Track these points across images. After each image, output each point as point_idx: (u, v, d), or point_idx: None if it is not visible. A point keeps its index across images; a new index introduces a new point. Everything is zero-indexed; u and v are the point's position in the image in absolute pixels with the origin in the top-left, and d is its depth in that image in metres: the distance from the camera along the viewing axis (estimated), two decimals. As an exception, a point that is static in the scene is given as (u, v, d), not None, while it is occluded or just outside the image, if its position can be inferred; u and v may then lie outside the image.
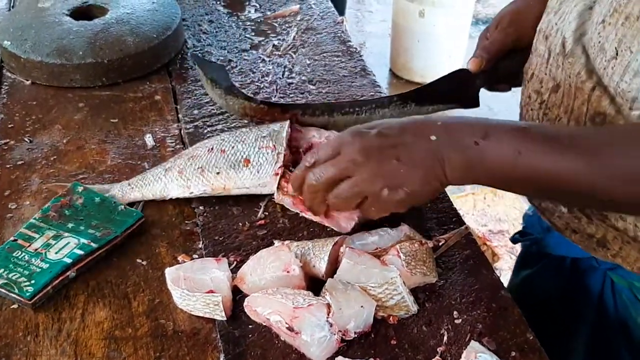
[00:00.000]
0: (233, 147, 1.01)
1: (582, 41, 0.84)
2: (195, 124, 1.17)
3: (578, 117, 0.85)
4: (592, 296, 1.02)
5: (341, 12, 3.30)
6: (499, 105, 2.48)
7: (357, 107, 1.04)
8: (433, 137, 0.78)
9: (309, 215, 0.96)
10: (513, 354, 0.79)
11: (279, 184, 0.97)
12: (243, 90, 1.15)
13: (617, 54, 0.77)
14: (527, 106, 0.97)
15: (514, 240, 1.20)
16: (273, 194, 0.99)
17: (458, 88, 1.11)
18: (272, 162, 0.99)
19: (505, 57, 1.09)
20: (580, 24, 0.84)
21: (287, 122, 1.04)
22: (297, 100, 1.23)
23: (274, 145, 1.00)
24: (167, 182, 1.00)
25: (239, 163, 0.99)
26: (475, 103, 1.12)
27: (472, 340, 0.79)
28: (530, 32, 1.00)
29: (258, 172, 0.98)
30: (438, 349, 0.79)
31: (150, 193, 1.01)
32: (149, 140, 1.13)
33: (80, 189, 1.00)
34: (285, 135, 1.02)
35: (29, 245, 0.91)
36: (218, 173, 0.99)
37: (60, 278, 0.87)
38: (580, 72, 0.83)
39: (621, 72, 0.77)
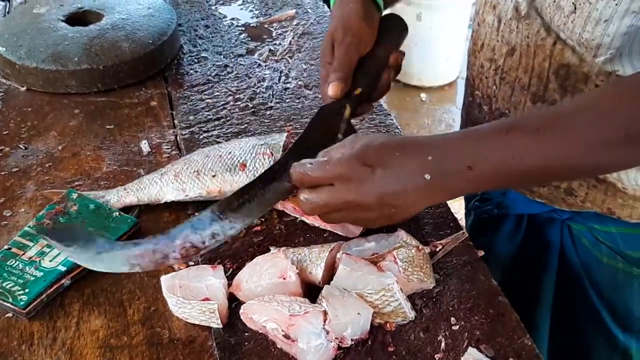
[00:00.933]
0: (230, 153, 1.01)
1: (534, 4, 0.90)
2: (191, 129, 1.16)
3: (540, 73, 0.92)
4: (553, 247, 1.09)
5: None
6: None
7: (244, 196, 0.87)
8: (427, 176, 0.78)
9: (311, 221, 0.95)
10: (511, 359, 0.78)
11: None
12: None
13: (575, 9, 0.83)
14: (480, 75, 1.03)
15: (474, 207, 1.22)
16: None
17: (330, 127, 0.95)
18: (266, 168, 0.98)
19: (357, 69, 0.99)
20: None
21: (285, 133, 1.04)
22: (293, 104, 1.22)
23: (271, 152, 1.00)
24: (163, 185, 1.00)
25: (235, 167, 0.99)
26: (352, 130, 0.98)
27: (470, 347, 0.79)
28: (367, 34, 1.00)
29: (254, 176, 0.98)
30: (436, 356, 0.78)
31: (146, 197, 1.00)
32: (144, 146, 1.13)
33: (74, 196, 1.00)
34: (283, 144, 1.01)
35: (23, 254, 0.91)
36: (214, 176, 0.99)
37: (55, 286, 0.87)
38: (539, 31, 0.90)
39: (582, 24, 0.83)
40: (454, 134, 0.86)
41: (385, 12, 1.07)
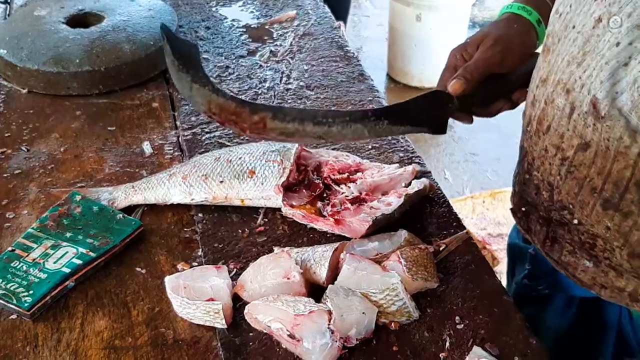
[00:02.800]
0: (240, 158, 1.01)
1: (617, 102, 0.75)
2: (194, 130, 1.16)
3: (618, 181, 0.79)
4: (610, 327, 0.99)
5: (343, 17, 3.30)
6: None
7: (329, 118, 0.90)
8: None
9: (318, 226, 0.95)
10: (516, 359, 0.78)
11: (286, 196, 0.97)
12: (217, 84, 0.99)
13: None
14: (542, 159, 0.88)
15: (522, 285, 1.11)
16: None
17: (431, 111, 0.97)
18: (277, 176, 0.98)
19: (485, 81, 0.97)
20: (615, 83, 0.75)
21: (296, 145, 1.03)
22: (295, 105, 1.22)
23: (282, 160, 1.00)
24: (170, 186, 1.00)
25: (243, 173, 0.99)
26: (443, 129, 0.98)
27: (475, 346, 0.79)
28: (515, 56, 0.98)
29: (262, 184, 0.98)
30: (440, 355, 0.78)
31: (153, 197, 1.00)
32: (146, 147, 1.13)
33: (78, 197, 1.00)
34: (295, 152, 1.01)
35: (27, 255, 0.90)
36: (222, 181, 0.99)
37: (59, 288, 0.87)
38: (622, 137, 0.76)
39: None
40: None
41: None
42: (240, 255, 0.92)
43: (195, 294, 0.83)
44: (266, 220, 0.98)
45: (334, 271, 0.86)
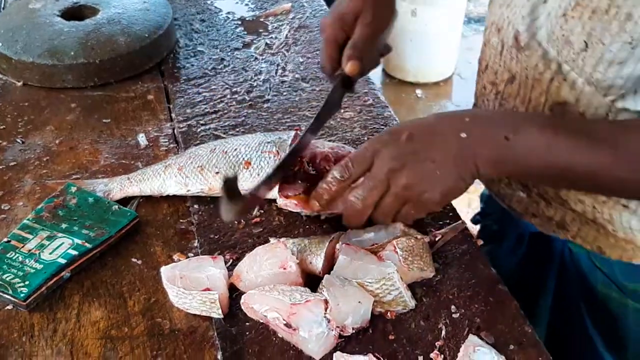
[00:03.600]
0: (235, 149, 1.01)
1: (537, 35, 0.85)
2: (189, 122, 1.16)
3: (536, 107, 0.89)
4: (553, 263, 1.07)
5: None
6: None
7: (289, 161, 0.93)
8: (463, 135, 0.79)
9: (310, 211, 0.94)
10: (511, 347, 0.78)
11: (281, 188, 0.96)
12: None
13: (587, 46, 0.79)
14: (482, 97, 1.00)
15: (474, 221, 1.22)
16: None
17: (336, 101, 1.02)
18: (272, 167, 0.98)
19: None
20: (535, 18, 0.85)
21: (294, 132, 1.04)
22: (290, 97, 1.22)
23: (277, 151, 0.99)
24: (166, 178, 1.00)
25: (239, 164, 0.99)
26: (339, 106, 1.04)
27: (470, 334, 0.79)
28: (389, 22, 1.03)
29: (258, 174, 0.98)
30: (436, 344, 0.79)
31: (148, 188, 1.00)
32: (142, 139, 1.13)
33: (73, 189, 1.00)
34: (290, 143, 1.01)
35: (23, 246, 0.90)
36: (217, 172, 0.99)
37: (55, 279, 0.87)
38: (537, 65, 0.86)
39: (593, 63, 0.79)
40: (490, 110, 0.91)
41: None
42: (236, 246, 0.92)
43: (191, 284, 0.83)
44: (262, 211, 0.98)
45: (330, 261, 0.87)
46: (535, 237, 1.09)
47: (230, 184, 0.82)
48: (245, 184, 0.98)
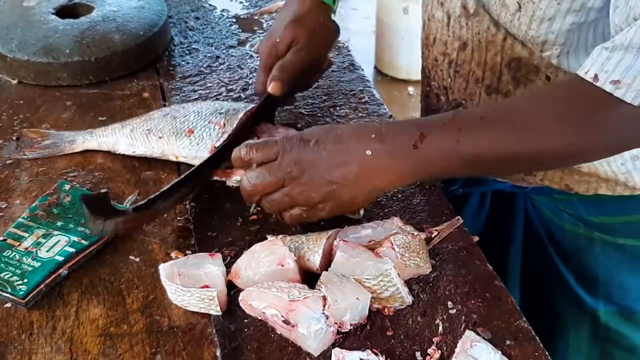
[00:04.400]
0: (185, 116, 1.04)
1: (481, 1, 0.93)
2: (185, 120, 1.16)
3: (493, 67, 0.96)
4: (517, 219, 1.14)
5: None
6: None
7: (193, 179, 0.96)
8: (368, 152, 0.82)
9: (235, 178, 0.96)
10: (508, 342, 0.79)
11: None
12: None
13: (520, 7, 0.86)
14: (435, 68, 1.06)
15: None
16: None
17: (267, 115, 1.09)
18: (213, 139, 1.01)
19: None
20: None
21: (250, 107, 1.06)
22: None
23: (224, 124, 1.01)
24: (119, 137, 1.06)
25: (182, 132, 1.02)
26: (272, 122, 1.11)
27: (467, 330, 0.80)
28: (324, 49, 1.13)
29: (197, 144, 1.01)
30: (434, 339, 0.79)
31: (105, 144, 1.07)
32: (138, 138, 1.13)
33: (67, 187, 1.00)
34: (241, 117, 1.02)
35: (19, 244, 0.91)
36: (160, 137, 1.03)
37: (53, 276, 0.87)
38: (489, 27, 0.93)
39: (527, 22, 0.87)
40: (399, 120, 0.95)
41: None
42: (233, 244, 0.93)
43: (189, 281, 0.83)
44: (259, 208, 0.98)
45: (328, 258, 0.87)
46: (497, 194, 1.15)
47: (93, 202, 0.87)
48: (184, 152, 1.02)
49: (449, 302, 0.84)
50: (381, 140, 0.83)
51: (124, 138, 1.05)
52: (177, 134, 1.02)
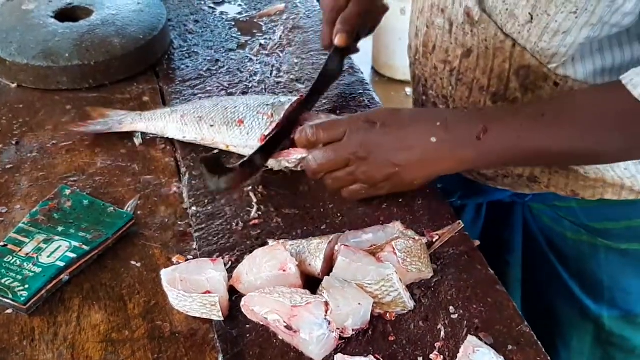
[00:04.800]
0: (235, 107, 1.08)
1: (486, 10, 0.91)
2: (185, 124, 1.16)
3: (500, 74, 0.94)
4: (515, 229, 1.15)
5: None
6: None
7: (282, 134, 1.03)
8: (433, 139, 0.84)
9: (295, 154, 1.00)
10: (510, 347, 0.79)
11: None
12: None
13: (532, 19, 0.85)
14: (434, 77, 1.04)
15: None
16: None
17: (333, 73, 1.18)
18: (262, 128, 1.04)
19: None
20: None
21: (296, 98, 1.09)
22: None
23: (272, 114, 1.05)
24: (169, 121, 1.10)
25: (233, 121, 1.06)
26: (341, 74, 1.21)
27: (469, 335, 0.80)
28: (379, 3, 1.18)
29: (248, 133, 1.05)
30: (436, 345, 0.79)
31: (153, 127, 1.11)
32: (138, 141, 1.13)
33: (67, 192, 1.00)
34: (288, 108, 1.06)
35: (20, 250, 0.90)
36: (212, 126, 1.07)
37: (54, 282, 0.87)
38: (497, 34, 0.91)
39: (539, 34, 0.86)
40: (461, 108, 0.96)
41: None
42: (235, 248, 0.93)
43: (191, 287, 0.83)
44: (260, 213, 0.98)
45: (329, 263, 0.87)
46: (493, 205, 1.17)
47: (209, 161, 0.93)
48: (235, 141, 1.06)
49: (451, 307, 0.84)
50: (446, 129, 0.85)
51: (174, 123, 1.09)
52: (228, 124, 1.06)
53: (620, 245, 1.05)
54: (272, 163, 1.02)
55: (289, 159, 1.00)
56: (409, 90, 3.67)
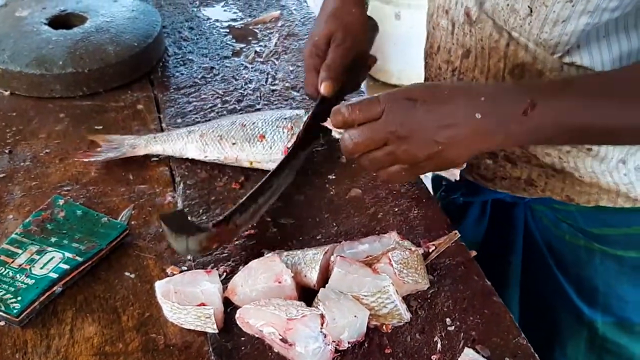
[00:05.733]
0: (253, 123, 1.08)
1: (484, 8, 0.92)
2: (179, 132, 1.15)
3: (496, 73, 0.95)
4: (517, 229, 1.13)
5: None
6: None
7: (268, 184, 0.97)
8: (478, 115, 0.79)
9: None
10: (507, 359, 0.79)
11: None
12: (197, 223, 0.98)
13: (531, 11, 0.87)
14: (438, 77, 1.06)
15: (440, 197, 1.24)
16: None
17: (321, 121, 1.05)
18: (284, 140, 1.05)
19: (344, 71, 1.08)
20: None
21: (307, 112, 1.09)
22: (280, 106, 1.22)
23: (292, 127, 1.06)
24: (188, 142, 1.09)
25: (254, 137, 1.07)
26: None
27: (466, 347, 0.79)
28: (362, 40, 1.13)
29: (271, 147, 1.06)
30: (432, 357, 0.79)
31: (171, 149, 1.10)
32: (132, 149, 1.12)
33: (61, 202, 0.99)
34: (306, 120, 1.06)
35: (13, 261, 0.89)
36: (234, 144, 1.07)
37: (47, 293, 0.86)
38: (492, 34, 0.93)
39: (539, 25, 0.87)
40: (506, 83, 0.94)
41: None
42: (230, 259, 0.92)
43: (186, 299, 0.82)
44: (256, 224, 0.97)
45: (325, 274, 0.86)
46: (497, 203, 1.14)
47: (172, 220, 0.87)
48: (258, 156, 1.06)
49: (447, 319, 0.83)
50: (491, 104, 0.81)
51: (194, 143, 1.08)
52: (250, 140, 1.06)
53: (617, 251, 1.05)
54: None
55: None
56: (403, 95, 3.66)
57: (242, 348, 0.80)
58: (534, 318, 1.16)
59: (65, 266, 0.89)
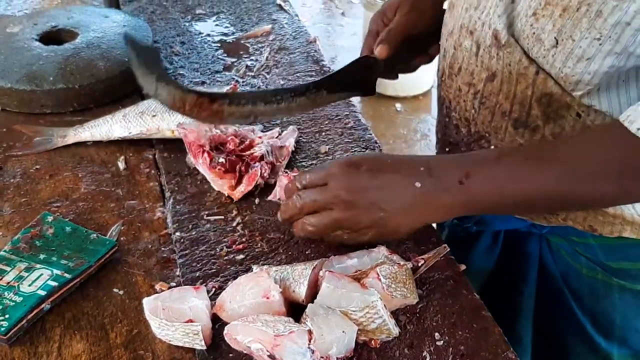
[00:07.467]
0: None
1: (513, 32, 0.90)
2: (170, 147, 1.15)
3: (522, 100, 0.92)
4: (531, 259, 1.11)
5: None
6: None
7: (277, 96, 0.98)
8: (417, 184, 0.84)
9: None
10: (496, 374, 0.79)
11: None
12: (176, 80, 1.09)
13: (557, 43, 0.84)
14: (458, 98, 1.03)
15: (452, 225, 1.23)
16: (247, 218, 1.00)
17: (362, 76, 1.10)
18: None
19: (404, 41, 1.10)
20: (508, 15, 0.90)
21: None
22: (272, 120, 1.22)
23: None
24: (112, 123, 1.16)
25: None
26: (373, 91, 1.12)
27: (455, 362, 0.79)
28: (429, 18, 1.11)
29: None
30: (421, 372, 0.79)
31: (98, 133, 1.16)
32: (122, 165, 1.12)
33: (50, 218, 0.99)
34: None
35: (1, 279, 0.89)
36: (154, 116, 1.14)
37: (35, 311, 0.85)
38: (521, 59, 0.89)
39: (563, 59, 0.84)
40: (445, 155, 0.95)
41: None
42: (218, 275, 0.92)
43: (174, 316, 0.82)
44: (245, 239, 0.97)
45: (314, 289, 0.86)
46: (510, 234, 1.13)
47: (142, 49, 0.90)
48: (182, 119, 1.11)
49: (436, 334, 0.83)
50: (429, 174, 0.85)
51: (118, 123, 1.15)
52: (169, 110, 1.04)
53: (636, 286, 1.02)
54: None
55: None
56: (399, 106, 3.68)
57: (230, 365, 0.80)
58: (547, 348, 1.15)
59: (54, 283, 0.88)
